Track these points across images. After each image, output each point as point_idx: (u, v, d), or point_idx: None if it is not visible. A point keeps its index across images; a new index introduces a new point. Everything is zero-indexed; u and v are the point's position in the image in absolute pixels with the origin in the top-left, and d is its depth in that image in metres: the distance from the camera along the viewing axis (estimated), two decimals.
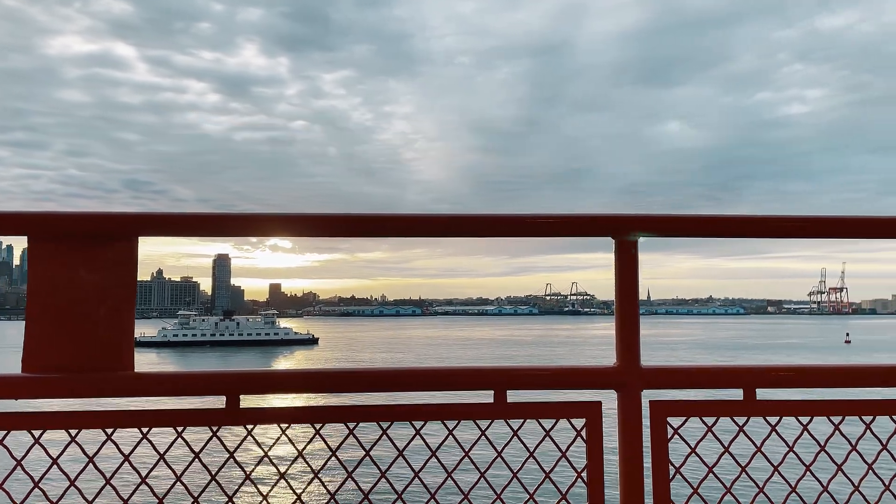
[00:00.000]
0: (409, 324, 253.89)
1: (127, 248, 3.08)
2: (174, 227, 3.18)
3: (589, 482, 3.07)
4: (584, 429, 3.11)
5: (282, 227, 3.24)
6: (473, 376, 3.18)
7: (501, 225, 3.24)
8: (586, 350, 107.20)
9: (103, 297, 3.04)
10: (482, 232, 3.23)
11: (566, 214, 3.21)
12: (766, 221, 3.25)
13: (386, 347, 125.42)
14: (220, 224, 3.21)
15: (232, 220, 3.21)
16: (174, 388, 3.15)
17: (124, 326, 3.06)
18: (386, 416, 3.10)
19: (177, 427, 3.05)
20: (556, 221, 3.21)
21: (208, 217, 3.20)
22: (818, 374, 3.20)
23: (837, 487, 3.09)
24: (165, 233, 3.19)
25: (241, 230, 3.24)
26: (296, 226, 3.23)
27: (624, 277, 3.15)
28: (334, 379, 3.18)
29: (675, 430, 3.12)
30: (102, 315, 3.03)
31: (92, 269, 3.04)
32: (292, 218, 3.21)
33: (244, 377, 3.16)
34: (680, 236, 3.13)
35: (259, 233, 3.24)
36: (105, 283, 3.05)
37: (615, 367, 3.13)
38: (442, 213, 3.22)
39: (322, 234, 3.22)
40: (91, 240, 3.05)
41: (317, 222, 3.22)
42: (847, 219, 3.32)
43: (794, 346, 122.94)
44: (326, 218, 3.21)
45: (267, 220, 3.23)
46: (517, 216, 3.22)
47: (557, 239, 3.45)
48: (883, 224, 3.29)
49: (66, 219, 3.08)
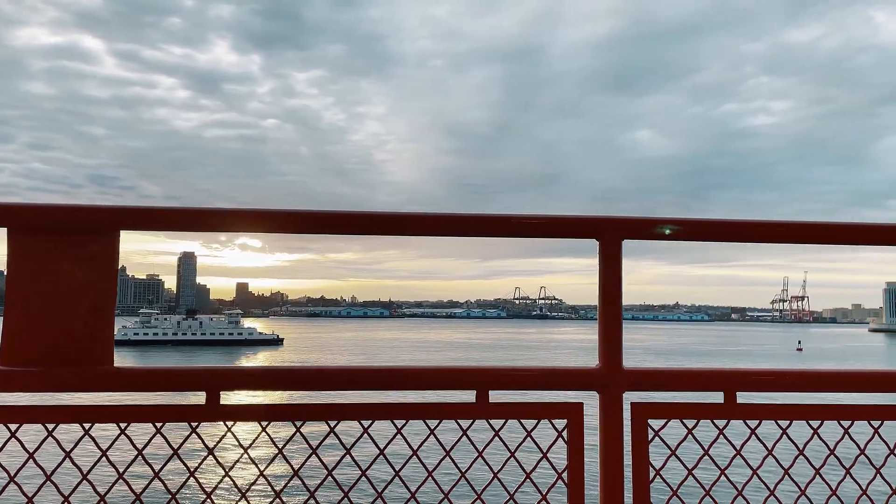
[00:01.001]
0: (375, 325, 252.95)
1: (108, 241, 3.05)
2: (156, 221, 3.14)
3: (569, 483, 3.08)
4: (566, 429, 3.11)
5: (264, 222, 3.22)
6: (456, 376, 3.17)
7: (489, 225, 3.24)
8: (558, 356, 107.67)
9: (83, 291, 3.01)
10: (471, 232, 3.23)
11: (552, 216, 3.22)
12: (752, 226, 3.28)
13: (352, 350, 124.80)
14: (203, 219, 3.19)
15: (214, 216, 3.18)
16: (154, 383, 3.12)
17: (104, 321, 3.03)
18: (367, 414, 3.09)
19: (155, 423, 3.03)
20: (542, 222, 3.22)
21: (191, 212, 3.17)
22: (798, 379, 3.23)
23: (815, 491, 3.13)
24: (147, 227, 3.15)
25: (223, 226, 3.20)
26: (279, 222, 3.21)
27: (607, 279, 3.17)
28: (316, 376, 3.17)
29: (655, 432, 3.13)
30: (82, 309, 3.00)
31: (72, 263, 3.00)
32: (275, 214, 3.19)
33: (225, 373, 3.14)
34: (664, 239, 3.15)
35: (241, 228, 3.21)
36: (85, 277, 3.02)
37: (598, 368, 3.14)
38: (431, 213, 3.21)
39: (308, 230, 3.20)
40: (72, 233, 3.02)
41: (302, 219, 3.20)
42: (832, 225, 3.37)
43: (747, 354, 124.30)
44: (315, 215, 3.20)
45: (249, 216, 3.20)
46: (504, 216, 3.22)
47: (528, 243, 3.48)
48: (869, 230, 3.34)
49: (46, 211, 3.05)
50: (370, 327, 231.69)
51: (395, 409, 3.09)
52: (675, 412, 3.13)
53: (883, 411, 3.17)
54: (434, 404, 3.10)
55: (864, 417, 3.16)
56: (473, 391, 3.12)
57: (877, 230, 3.37)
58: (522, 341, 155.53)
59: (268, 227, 3.23)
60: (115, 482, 3.03)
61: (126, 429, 3.02)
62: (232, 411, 3.06)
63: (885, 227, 3.36)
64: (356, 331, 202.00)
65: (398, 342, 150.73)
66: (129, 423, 3.02)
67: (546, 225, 3.22)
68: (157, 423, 3.03)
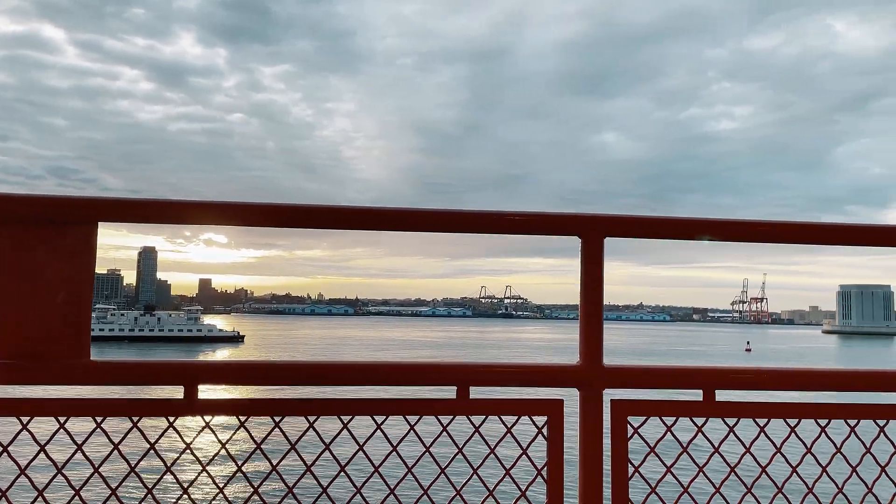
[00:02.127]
0: (339, 323, 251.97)
1: (86, 234, 3.01)
2: (135, 213, 3.11)
3: (549, 479, 3.09)
4: (546, 426, 3.12)
5: (246, 215, 3.19)
6: (436, 371, 3.17)
7: (472, 221, 3.24)
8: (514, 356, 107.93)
9: (60, 283, 2.97)
10: (454, 228, 3.23)
11: (535, 213, 3.23)
12: (735, 225, 3.30)
13: (313, 348, 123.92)
14: (182, 212, 3.16)
15: (194, 208, 3.15)
16: (131, 376, 3.09)
17: (81, 314, 2.99)
18: (347, 409, 3.08)
19: (132, 417, 2.99)
20: (526, 219, 3.22)
21: (170, 204, 3.14)
22: (777, 377, 3.26)
23: (792, 488, 3.16)
24: (126, 219, 3.11)
25: (203, 219, 3.18)
26: (264, 215, 3.18)
27: (589, 277, 3.18)
28: (296, 371, 3.15)
29: (635, 429, 3.15)
30: (59, 302, 2.96)
31: (49, 255, 2.96)
32: (257, 207, 3.16)
33: (203, 367, 3.11)
34: (646, 238, 3.17)
35: (222, 221, 3.18)
36: (62, 270, 2.98)
37: (578, 365, 3.15)
38: (416, 209, 3.20)
39: (296, 224, 3.16)
40: (49, 224, 2.98)
41: (287, 212, 3.17)
42: (810, 225, 3.41)
43: (695, 353, 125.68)
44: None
45: (230, 209, 3.17)
46: (488, 213, 3.22)
47: (497, 242, 3.50)
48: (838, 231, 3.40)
49: (22, 202, 3.00)
50: (333, 325, 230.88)
51: (374, 404, 3.08)
52: (655, 409, 3.15)
53: (859, 410, 3.21)
54: (414, 400, 3.09)
55: (840, 416, 3.21)
56: (454, 387, 3.12)
57: (844, 230, 3.43)
58: (484, 340, 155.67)
59: (250, 220, 3.19)
60: (90, 476, 2.99)
61: (102, 423, 2.99)
62: (210, 406, 3.03)
63: (853, 228, 3.41)
64: (319, 328, 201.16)
65: (351, 340, 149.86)
66: (106, 418, 2.98)
67: (529, 222, 3.23)
68: (133, 418, 3.00)
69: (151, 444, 3.05)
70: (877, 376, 3.30)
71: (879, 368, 3.33)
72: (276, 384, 3.13)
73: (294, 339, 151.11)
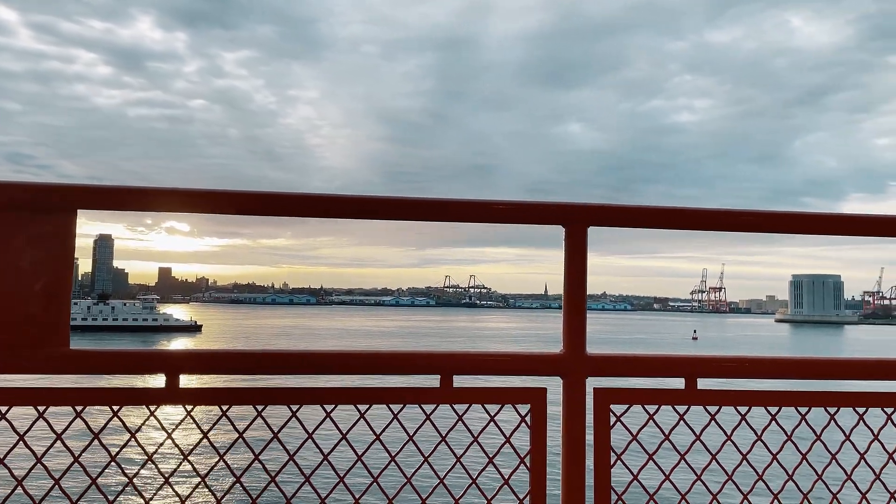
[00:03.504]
0: (300, 312, 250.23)
1: (65, 221, 2.97)
2: (115, 201, 3.07)
3: (531, 467, 3.10)
4: (529, 414, 3.14)
5: (224, 204, 3.15)
6: (420, 360, 3.17)
7: (454, 210, 3.24)
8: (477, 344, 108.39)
9: (39, 271, 2.93)
10: (436, 216, 3.23)
11: (518, 202, 3.23)
12: (717, 215, 3.34)
13: (267, 337, 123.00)
14: (163, 199, 3.13)
15: (174, 196, 3.12)
16: (111, 365, 3.06)
17: (60, 302, 2.96)
18: (330, 398, 3.07)
19: (112, 406, 2.96)
20: (510, 209, 3.23)
21: (151, 191, 3.11)
22: (758, 366, 3.30)
23: (772, 475, 3.21)
24: (106, 206, 3.07)
25: (181, 206, 3.15)
26: (241, 203, 3.15)
27: (573, 266, 3.20)
28: (278, 360, 3.14)
29: (617, 417, 3.18)
30: (37, 290, 2.92)
31: (27, 242, 2.92)
32: (237, 195, 3.14)
33: (186, 356, 3.09)
34: (630, 227, 3.19)
35: (201, 209, 3.15)
36: (41, 258, 2.94)
37: (561, 354, 3.17)
38: (398, 197, 3.19)
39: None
40: (28, 212, 2.93)
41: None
42: (794, 214, 3.46)
43: (642, 342, 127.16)
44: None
45: (212, 197, 3.14)
46: (472, 202, 3.23)
47: (462, 232, 3.49)
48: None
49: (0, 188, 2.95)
50: (292, 314, 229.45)
51: (358, 392, 3.07)
52: (637, 398, 3.18)
53: (838, 398, 3.26)
54: (397, 388, 3.09)
55: (820, 404, 3.25)
56: (437, 376, 3.12)
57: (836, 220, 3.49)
58: (444, 329, 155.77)
59: (229, 208, 3.15)
60: (70, 466, 2.96)
61: (82, 412, 2.95)
62: (192, 395, 3.01)
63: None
64: (279, 318, 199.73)
65: (301, 328, 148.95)
66: (86, 407, 2.95)
67: (513, 211, 3.24)
68: (113, 407, 2.97)
69: (132, 433, 3.02)
70: (856, 365, 3.36)
71: (858, 357, 3.40)
72: (258, 373, 3.11)
73: (251, 328, 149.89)
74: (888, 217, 3.43)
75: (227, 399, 3.04)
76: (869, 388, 3.31)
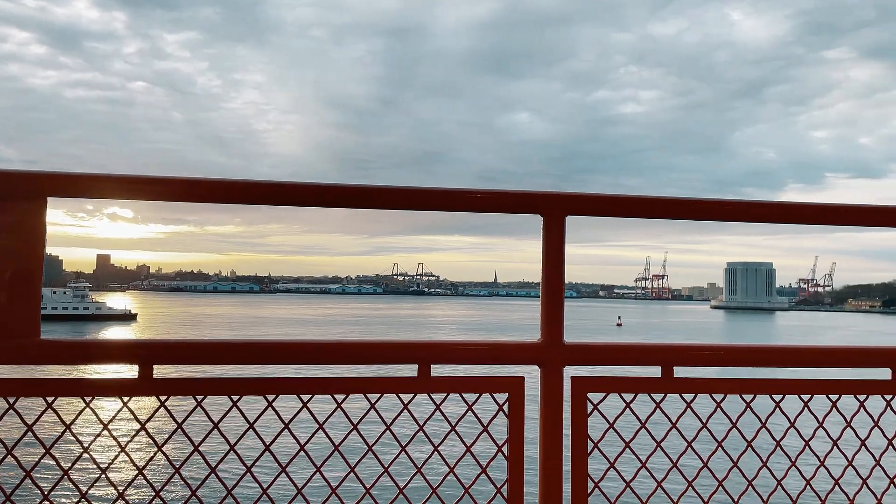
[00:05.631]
0: (242, 301, 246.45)
1: (34, 209, 2.91)
2: (88, 188, 3.01)
3: (509, 456, 3.11)
4: (507, 403, 3.14)
5: (204, 192, 3.11)
6: (397, 350, 3.16)
7: (431, 199, 3.23)
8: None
9: (8, 260, 2.87)
10: (413, 205, 3.22)
11: (495, 191, 3.23)
12: (692, 203, 3.37)
13: (204, 326, 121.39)
14: (136, 187, 3.07)
15: (150, 183, 3.07)
16: (84, 356, 3.00)
17: (30, 292, 2.90)
18: (306, 388, 3.05)
19: (84, 397, 2.91)
20: (488, 197, 3.23)
21: (124, 179, 3.05)
22: (733, 354, 3.35)
23: (747, 462, 3.26)
24: (78, 194, 3.01)
25: (157, 195, 3.10)
26: (219, 191, 3.11)
27: (551, 255, 3.21)
28: (253, 350, 3.10)
29: (594, 405, 3.20)
30: (7, 280, 2.86)
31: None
32: (217, 183, 3.10)
33: (158, 346, 3.04)
34: (607, 216, 3.20)
35: (176, 197, 3.10)
36: (11, 246, 2.88)
37: (539, 342, 3.18)
38: (370, 185, 3.17)
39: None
40: None
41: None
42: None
43: (568, 328, 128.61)
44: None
45: (187, 185, 3.09)
46: (450, 190, 3.22)
47: (414, 220, 3.47)
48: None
49: None
50: (233, 303, 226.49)
51: (334, 383, 3.05)
52: (614, 386, 3.20)
53: (812, 385, 3.31)
54: (375, 378, 3.08)
55: (794, 391, 3.31)
56: (415, 365, 3.11)
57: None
58: (370, 318, 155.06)
59: (197, 196, 3.11)
60: (42, 457, 2.92)
61: (53, 403, 2.90)
62: (166, 385, 2.96)
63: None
64: (220, 306, 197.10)
65: (236, 317, 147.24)
66: (57, 398, 2.89)
67: (491, 200, 3.23)
68: (86, 398, 2.91)
69: (105, 424, 2.98)
70: (830, 353, 3.41)
71: (834, 345, 3.46)
72: (233, 363, 3.07)
73: (190, 317, 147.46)
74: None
75: (201, 389, 3.00)
76: (841, 375, 3.37)
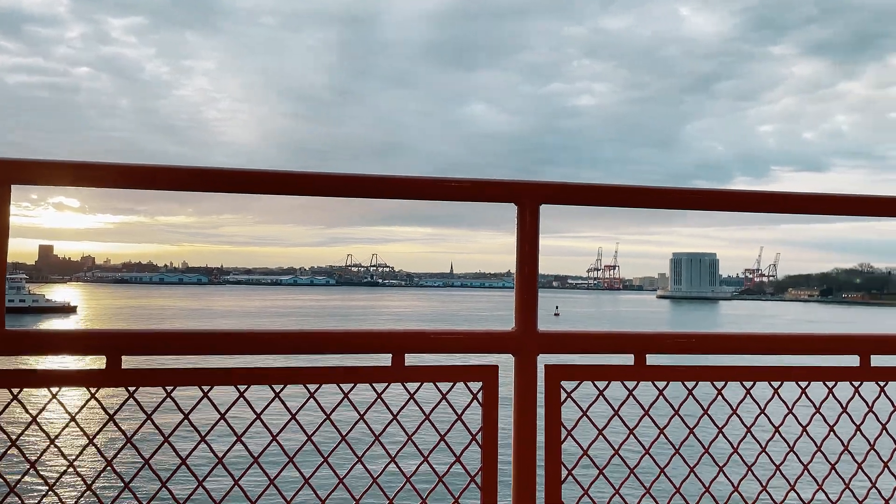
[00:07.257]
0: (188, 292, 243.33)
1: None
2: (54, 176, 2.94)
3: (483, 445, 3.11)
4: (481, 392, 3.14)
5: (183, 180, 3.07)
6: (371, 339, 3.14)
7: (403, 187, 3.21)
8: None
9: None
10: (385, 193, 3.20)
11: (470, 179, 3.22)
12: (666, 193, 3.39)
13: (146, 318, 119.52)
14: (103, 174, 3.01)
15: (117, 171, 3.01)
16: (49, 347, 2.93)
17: None
18: (279, 378, 3.02)
19: (51, 388, 2.85)
20: (460, 186, 3.21)
21: (91, 166, 2.98)
22: (705, 342, 3.38)
23: (718, 449, 3.30)
24: (43, 182, 2.94)
25: (130, 182, 3.04)
26: (198, 179, 3.06)
27: (525, 244, 3.20)
28: (224, 340, 3.06)
29: (568, 393, 3.21)
30: None
31: None
32: (194, 171, 3.05)
33: (126, 336, 2.99)
34: (582, 205, 3.21)
35: (147, 185, 3.05)
36: None
37: (513, 331, 3.18)
38: (340, 173, 3.13)
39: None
40: None
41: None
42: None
43: (505, 318, 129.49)
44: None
45: (154, 171, 3.04)
46: (421, 178, 3.20)
47: (370, 210, 3.44)
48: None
49: None
50: (179, 295, 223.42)
51: (307, 372, 3.03)
52: (588, 374, 3.22)
53: (782, 372, 3.36)
54: (348, 368, 3.06)
55: (765, 378, 3.35)
56: (389, 355, 3.10)
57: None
58: (321, 308, 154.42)
59: (190, 184, 3.07)
60: (8, 449, 2.85)
61: (19, 394, 2.83)
62: (134, 376, 2.92)
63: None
64: (165, 298, 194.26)
65: (185, 309, 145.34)
66: (22, 389, 2.83)
67: (463, 189, 3.22)
68: (52, 389, 2.85)
69: (72, 415, 2.92)
70: (801, 340, 3.47)
71: (804, 332, 3.50)
72: (204, 353, 3.02)
73: (133, 309, 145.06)
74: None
75: (171, 380, 2.96)
76: (814, 362, 3.42)
